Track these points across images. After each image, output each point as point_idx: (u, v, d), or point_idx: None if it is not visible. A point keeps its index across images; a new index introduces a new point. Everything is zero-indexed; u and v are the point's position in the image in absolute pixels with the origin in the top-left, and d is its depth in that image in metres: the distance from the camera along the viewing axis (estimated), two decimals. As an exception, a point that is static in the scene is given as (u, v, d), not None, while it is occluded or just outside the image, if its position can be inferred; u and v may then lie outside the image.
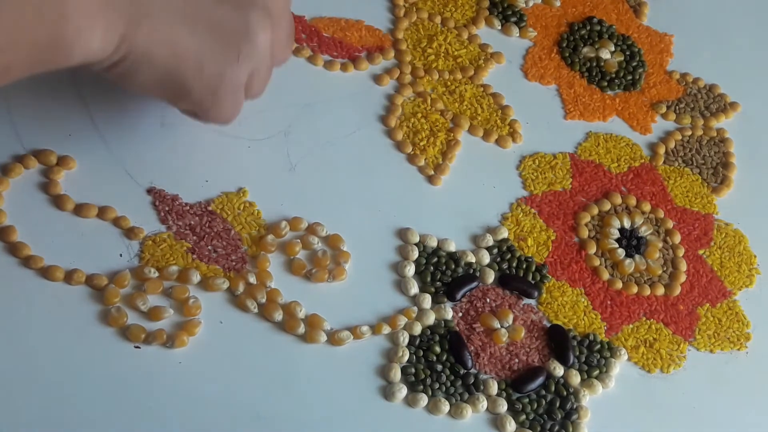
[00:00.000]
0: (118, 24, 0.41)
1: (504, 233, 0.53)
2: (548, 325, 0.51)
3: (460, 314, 0.50)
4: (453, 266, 0.51)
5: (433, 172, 0.55)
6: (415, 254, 0.51)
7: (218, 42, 0.44)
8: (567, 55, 0.62)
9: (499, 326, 0.50)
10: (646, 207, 0.57)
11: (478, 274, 0.52)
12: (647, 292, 0.53)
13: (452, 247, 0.52)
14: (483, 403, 0.48)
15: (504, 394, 0.48)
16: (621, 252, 0.54)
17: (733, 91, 0.64)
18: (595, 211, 0.56)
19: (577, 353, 0.50)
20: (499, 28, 0.63)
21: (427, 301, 0.50)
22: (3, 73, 0.40)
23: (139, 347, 0.45)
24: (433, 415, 0.47)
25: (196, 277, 0.47)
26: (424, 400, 0.47)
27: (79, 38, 0.40)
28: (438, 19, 0.61)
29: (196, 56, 0.43)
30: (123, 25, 0.41)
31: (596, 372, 0.50)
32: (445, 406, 0.47)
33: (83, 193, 0.49)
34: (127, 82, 0.44)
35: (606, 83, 0.62)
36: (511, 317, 0.50)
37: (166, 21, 0.42)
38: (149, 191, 0.50)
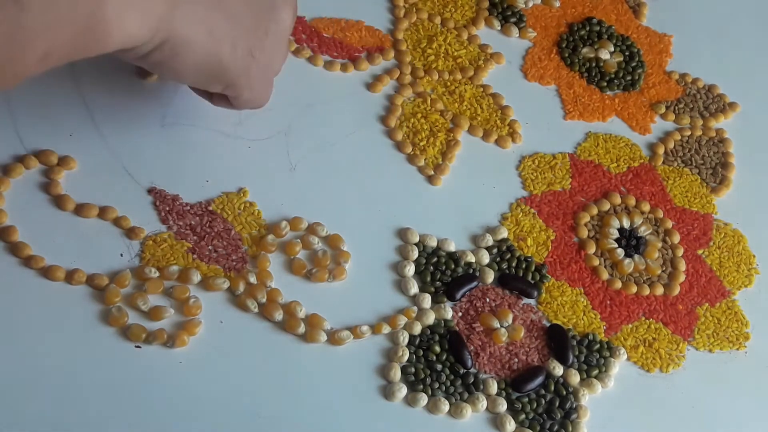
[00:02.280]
0: (156, 7, 0.41)
1: (504, 233, 0.53)
2: (548, 324, 0.51)
3: (460, 314, 0.50)
4: (453, 266, 0.51)
5: (432, 172, 0.55)
6: (415, 254, 0.51)
7: (249, 20, 0.45)
8: (566, 55, 0.63)
9: (498, 326, 0.50)
10: (646, 207, 0.57)
11: (477, 273, 0.52)
12: (646, 291, 0.54)
13: (452, 247, 0.52)
14: (483, 403, 0.48)
15: (504, 394, 0.48)
16: (620, 252, 0.54)
17: (733, 91, 0.64)
18: (595, 211, 0.56)
19: (577, 353, 0.50)
20: (499, 28, 0.63)
21: (426, 300, 0.50)
22: (42, 60, 0.39)
23: (139, 347, 0.45)
24: (432, 415, 0.47)
25: (196, 277, 0.48)
26: (424, 399, 0.47)
27: (117, 21, 0.40)
28: (438, 20, 0.61)
29: (231, 36, 0.44)
30: (161, 7, 0.41)
31: (595, 371, 0.50)
32: (445, 406, 0.47)
33: (84, 193, 0.49)
34: (164, 68, 0.44)
35: (605, 83, 0.62)
36: (510, 317, 0.50)
37: (202, 3, 0.43)
38: (150, 191, 0.50)
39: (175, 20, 0.42)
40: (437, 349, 0.48)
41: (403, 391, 0.47)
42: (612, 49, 0.63)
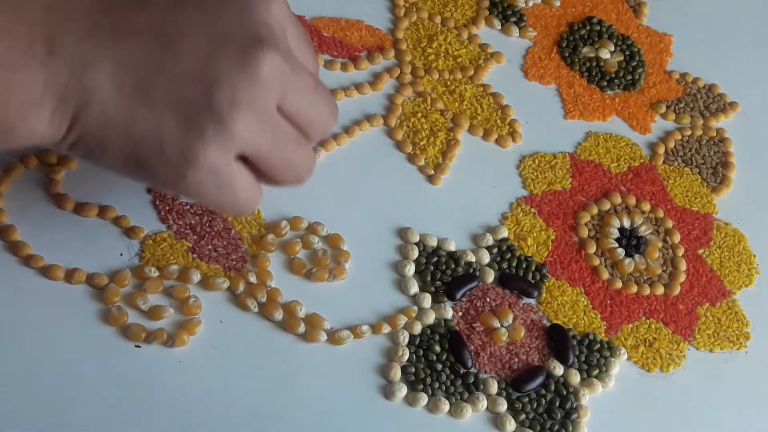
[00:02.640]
0: (67, 107, 0.38)
1: (504, 233, 0.53)
2: (548, 324, 0.51)
3: (460, 314, 0.50)
4: (453, 266, 0.51)
5: (433, 172, 0.55)
6: (415, 253, 0.51)
7: (179, 119, 0.39)
8: (567, 54, 0.62)
9: (499, 325, 0.50)
10: (646, 207, 0.57)
11: (478, 273, 0.52)
12: (647, 291, 0.53)
13: (452, 247, 0.52)
14: (483, 403, 0.48)
15: (504, 394, 0.48)
16: (621, 251, 0.54)
17: (733, 90, 0.64)
18: (595, 210, 0.56)
19: (577, 352, 0.50)
20: (499, 28, 0.63)
21: (427, 300, 0.50)
22: None
23: (139, 346, 0.45)
24: (433, 415, 0.47)
25: (196, 277, 0.48)
26: (424, 399, 0.47)
27: (23, 121, 0.38)
28: (438, 19, 0.61)
29: (154, 136, 0.39)
30: (72, 107, 0.38)
31: (596, 371, 0.50)
32: (445, 406, 0.47)
33: (84, 193, 0.49)
34: (93, 163, 0.41)
35: (606, 83, 0.62)
36: (511, 316, 0.50)
37: (117, 100, 0.39)
38: (149, 190, 0.50)
39: (88, 119, 0.39)
40: (437, 348, 0.48)
41: (403, 390, 0.47)
42: (612, 48, 0.63)
